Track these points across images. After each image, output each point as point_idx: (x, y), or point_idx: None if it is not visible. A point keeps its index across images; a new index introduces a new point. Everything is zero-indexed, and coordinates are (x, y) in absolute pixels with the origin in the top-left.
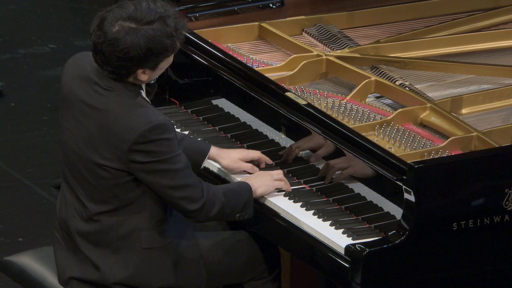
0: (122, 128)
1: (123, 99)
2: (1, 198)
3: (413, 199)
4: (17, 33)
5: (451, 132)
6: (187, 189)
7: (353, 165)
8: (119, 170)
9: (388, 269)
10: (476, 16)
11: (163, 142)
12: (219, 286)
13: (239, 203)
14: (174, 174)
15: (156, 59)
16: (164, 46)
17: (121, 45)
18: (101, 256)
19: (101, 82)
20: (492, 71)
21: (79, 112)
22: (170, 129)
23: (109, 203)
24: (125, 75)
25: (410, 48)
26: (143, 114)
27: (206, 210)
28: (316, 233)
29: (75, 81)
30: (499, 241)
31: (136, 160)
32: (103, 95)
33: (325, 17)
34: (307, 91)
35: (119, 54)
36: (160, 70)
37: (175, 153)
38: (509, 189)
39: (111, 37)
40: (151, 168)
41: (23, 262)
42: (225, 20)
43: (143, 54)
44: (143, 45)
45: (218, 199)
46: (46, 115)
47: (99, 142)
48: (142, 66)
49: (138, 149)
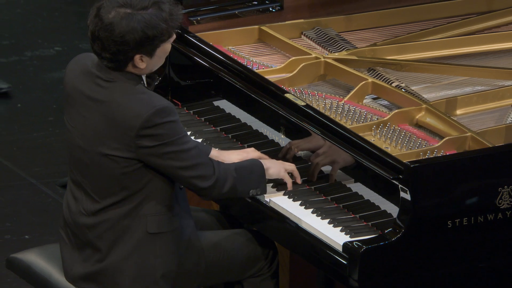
0: (127, 116)
1: (125, 88)
2: (8, 197)
3: (409, 198)
4: (24, 36)
5: (446, 132)
6: (198, 167)
7: (334, 156)
8: (128, 158)
9: (385, 265)
10: (470, 20)
11: (168, 124)
12: (220, 283)
13: (252, 178)
14: (183, 155)
15: (152, 44)
16: (160, 30)
17: (117, 30)
18: (108, 245)
19: (102, 74)
20: (486, 73)
21: (83, 107)
22: (174, 112)
23: (117, 194)
24: (123, 61)
25: (406, 51)
26: (146, 99)
27: (219, 187)
28: (315, 231)
29: (77, 78)
30: (493, 239)
31: (144, 145)
32: (105, 87)
33: (323, 20)
34: (305, 92)
35: (115, 38)
36: (158, 59)
37: (182, 135)
38: (502, 188)
39: (107, 22)
40: (160, 151)
41: (29, 259)
42: (226, 24)
43: (139, 38)
44: (139, 29)
45: (230, 174)
46: (51, 116)
47: (105, 133)
48: (139, 50)
49: (145, 134)
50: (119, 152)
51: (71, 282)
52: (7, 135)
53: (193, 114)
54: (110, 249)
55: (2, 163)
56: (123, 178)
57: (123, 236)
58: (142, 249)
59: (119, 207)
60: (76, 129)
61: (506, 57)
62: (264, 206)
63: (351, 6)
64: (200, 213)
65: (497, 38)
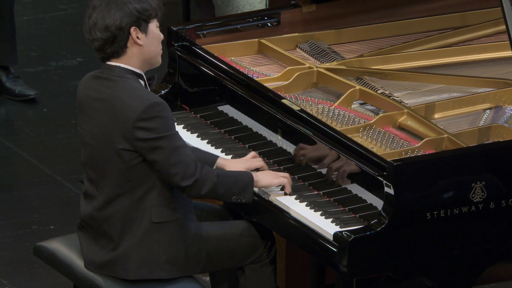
0: (125, 110)
1: (125, 86)
2: (35, 191)
3: (392, 192)
4: (50, 48)
5: (425, 134)
6: (181, 166)
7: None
8: (130, 151)
9: (371, 253)
10: (446, 34)
11: (161, 119)
12: (223, 268)
13: (235, 186)
14: (171, 152)
15: (143, 17)
16: (148, 5)
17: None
18: (119, 235)
19: (104, 73)
20: (461, 81)
21: (91, 109)
22: (167, 108)
23: (124, 187)
24: (124, 40)
25: (390, 61)
26: (144, 95)
27: (197, 187)
28: (308, 222)
29: (86, 86)
30: (466, 229)
31: (138, 138)
32: (107, 86)
33: (316, 34)
34: (300, 98)
35: (110, 21)
36: (152, 40)
37: (173, 132)
38: (475, 183)
39: (94, 6)
40: (152, 145)
41: (54, 247)
42: (229, 37)
43: (129, 11)
44: (131, 7)
45: (210, 179)
46: (74, 119)
47: (111, 129)
48: (134, 23)
49: (140, 126)
50: (123, 146)
51: (91, 270)
52: (34, 137)
53: (200, 118)
54: (121, 238)
55: (30, 161)
56: (128, 172)
57: (132, 226)
58: (148, 237)
59: (126, 199)
60: (87, 131)
61: (478, 67)
62: (264, 200)
63: (340, 21)
64: (204, 206)
65: (470, 50)
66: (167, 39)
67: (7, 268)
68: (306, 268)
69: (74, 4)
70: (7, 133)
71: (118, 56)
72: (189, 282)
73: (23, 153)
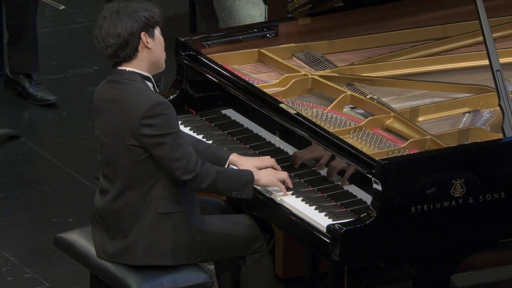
0: (132, 109)
1: (133, 88)
2: (55, 187)
3: (380, 189)
4: (68, 57)
5: (410, 135)
6: (182, 161)
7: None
8: (138, 146)
9: (360, 243)
10: (429, 44)
11: (164, 117)
12: (225, 258)
13: (235, 183)
14: (174, 148)
15: (150, 23)
16: (153, 13)
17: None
18: (129, 225)
19: (115, 77)
20: (442, 87)
21: (105, 110)
22: (171, 108)
23: (133, 181)
24: (135, 44)
25: (378, 69)
26: (149, 95)
27: (197, 181)
28: (304, 215)
29: (100, 89)
30: (448, 222)
31: (144, 134)
32: (117, 88)
33: (310, 44)
34: (296, 103)
35: (122, 28)
36: (158, 45)
37: (175, 129)
38: (455, 180)
39: (104, 16)
40: (156, 141)
41: (72, 238)
42: (231, 47)
43: (139, 18)
44: (140, 14)
45: (210, 174)
46: (90, 122)
47: (121, 127)
48: (143, 28)
49: (145, 123)
50: (131, 142)
51: (104, 259)
52: (55, 138)
53: (205, 121)
54: (131, 228)
55: (51, 160)
56: (136, 167)
57: (140, 217)
58: (154, 226)
59: (135, 192)
60: (101, 130)
61: (458, 74)
62: (264, 196)
63: (333, 33)
64: (208, 200)
65: (451, 59)
66: (175, 49)
67: (29, 257)
68: (302, 257)
69: (90, 17)
70: (30, 134)
71: (130, 60)
72: (193, 269)
73: (45, 152)
